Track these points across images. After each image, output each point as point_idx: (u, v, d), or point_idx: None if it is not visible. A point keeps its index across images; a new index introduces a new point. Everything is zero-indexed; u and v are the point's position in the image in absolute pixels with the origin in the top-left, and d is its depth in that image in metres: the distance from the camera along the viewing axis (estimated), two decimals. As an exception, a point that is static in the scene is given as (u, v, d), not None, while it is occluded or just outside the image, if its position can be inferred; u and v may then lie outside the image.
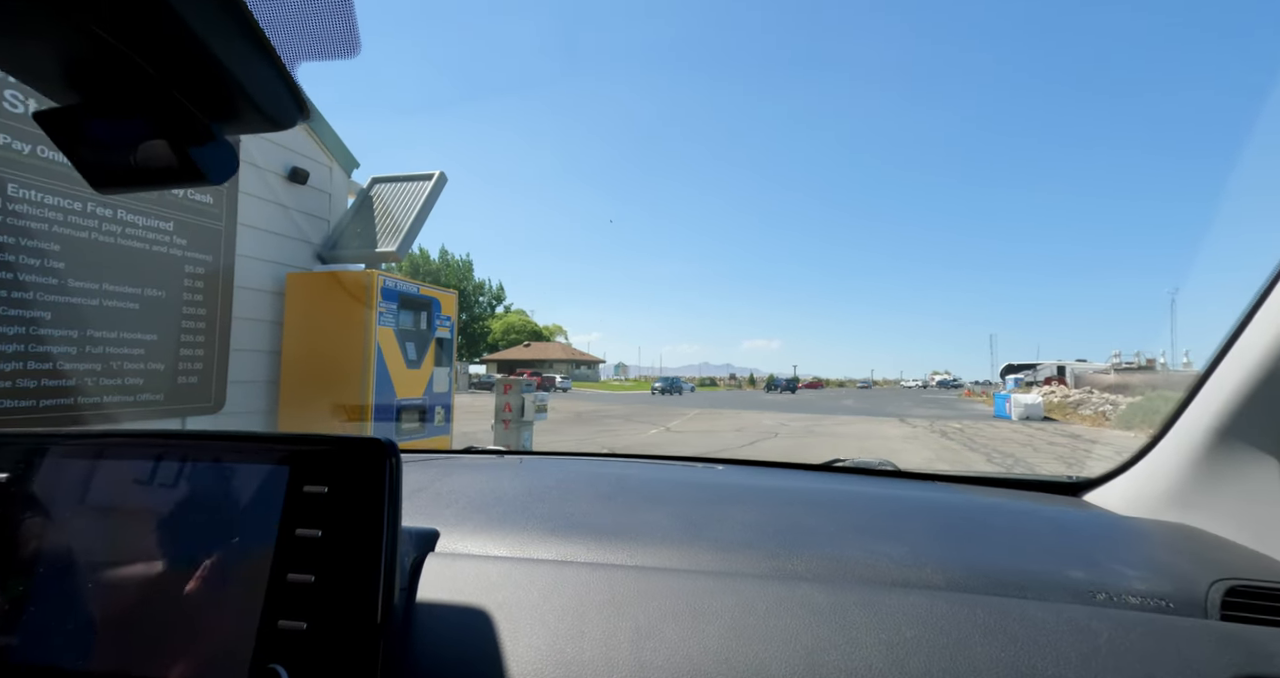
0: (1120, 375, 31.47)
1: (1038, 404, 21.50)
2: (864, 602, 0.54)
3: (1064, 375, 36.57)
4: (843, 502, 0.83)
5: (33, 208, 2.54)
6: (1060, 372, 38.18)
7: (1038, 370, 42.90)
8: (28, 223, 2.52)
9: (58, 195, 2.63)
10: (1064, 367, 39.25)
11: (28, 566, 0.54)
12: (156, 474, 0.55)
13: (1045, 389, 28.94)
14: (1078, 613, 0.52)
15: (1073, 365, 39.00)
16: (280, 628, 0.48)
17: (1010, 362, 48.79)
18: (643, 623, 0.53)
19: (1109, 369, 35.72)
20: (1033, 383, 35.33)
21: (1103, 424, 18.97)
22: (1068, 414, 22.24)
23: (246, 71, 0.48)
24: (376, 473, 0.52)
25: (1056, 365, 40.63)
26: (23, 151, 2.52)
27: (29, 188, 2.53)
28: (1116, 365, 37.47)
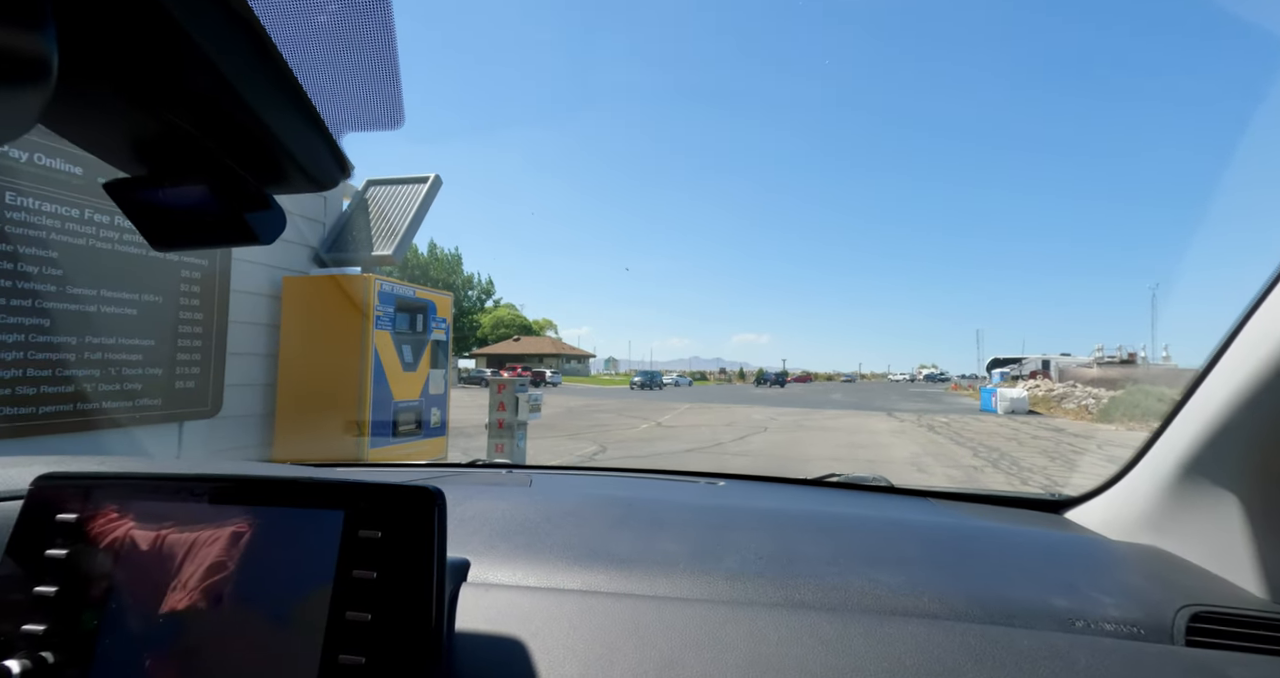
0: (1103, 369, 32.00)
1: (1023, 398, 21.86)
2: (867, 631, 0.60)
3: (1048, 369, 37.15)
4: (841, 527, 0.89)
5: (30, 216, 2.54)
6: (1045, 366, 38.77)
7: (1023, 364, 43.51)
8: (25, 230, 2.52)
9: (54, 202, 2.63)
10: (1048, 361, 39.86)
11: (99, 601, 0.58)
12: (221, 516, 0.59)
13: (1030, 383, 29.40)
14: (1059, 641, 0.58)
15: (1057, 359, 39.61)
16: (341, 663, 0.53)
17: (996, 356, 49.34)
18: (666, 653, 0.58)
19: (1092, 363, 36.30)
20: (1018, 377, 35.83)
21: (1085, 418, 19.34)
22: (1052, 408, 22.64)
23: (297, 142, 0.52)
24: (425, 519, 0.56)
25: (1041, 359, 41.24)
26: (19, 159, 2.51)
27: (26, 195, 2.52)
28: (1099, 359, 38.09)
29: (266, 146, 0.52)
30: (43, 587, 0.59)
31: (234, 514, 0.59)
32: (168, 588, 0.58)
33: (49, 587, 0.59)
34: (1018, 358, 47.41)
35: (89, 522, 0.61)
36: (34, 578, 0.59)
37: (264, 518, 0.59)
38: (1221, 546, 0.74)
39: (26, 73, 0.33)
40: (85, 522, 0.61)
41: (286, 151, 0.52)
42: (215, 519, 0.60)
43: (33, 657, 0.56)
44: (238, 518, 0.59)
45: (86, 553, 0.60)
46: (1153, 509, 0.84)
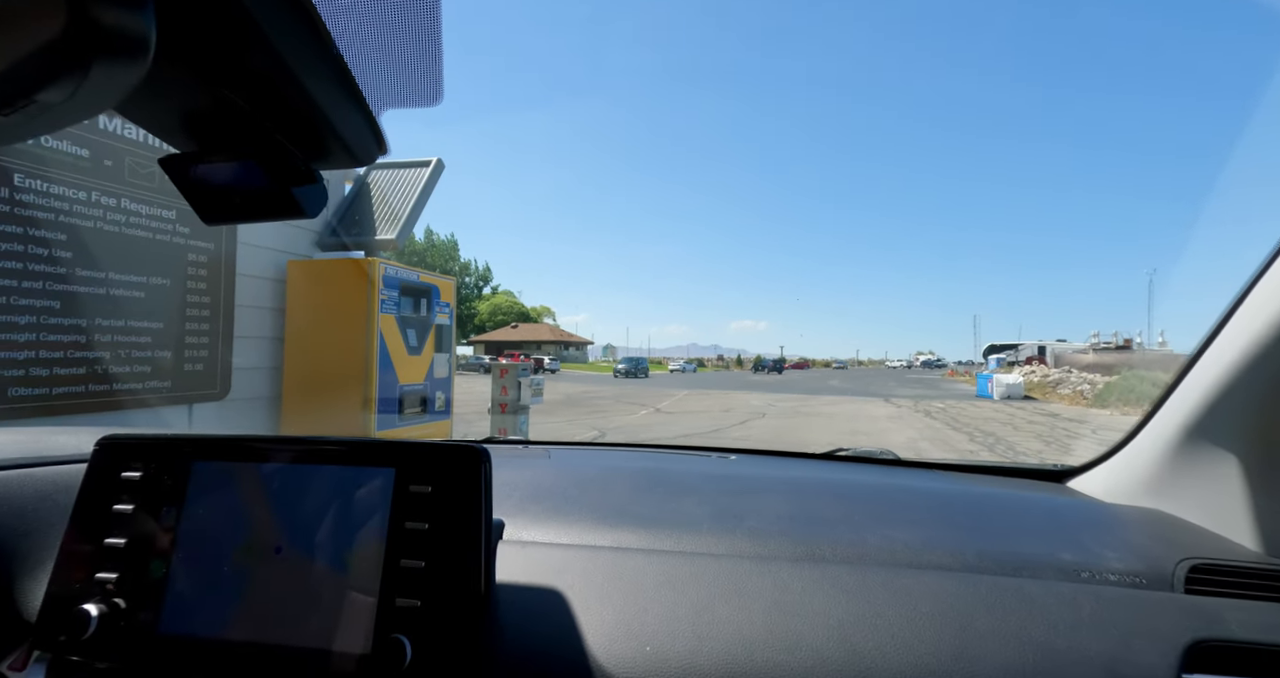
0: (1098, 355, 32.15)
1: (1018, 384, 21.99)
2: (885, 582, 0.64)
3: (1044, 355, 37.30)
4: (854, 493, 0.93)
5: (39, 197, 2.55)
6: (1041, 352, 38.91)
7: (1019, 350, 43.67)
8: (34, 212, 2.53)
9: (62, 185, 2.63)
10: (1044, 347, 40.00)
11: (165, 552, 0.62)
12: (278, 474, 0.63)
13: (1026, 369, 29.54)
14: (1065, 589, 0.63)
15: (1053, 345, 39.75)
16: (398, 605, 0.57)
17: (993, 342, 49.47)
18: (696, 601, 0.62)
19: (1088, 349, 36.46)
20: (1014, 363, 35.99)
21: (1080, 403, 19.48)
22: (1047, 393, 22.78)
23: (343, 120, 0.55)
24: (473, 474, 0.60)
25: (1037, 345, 41.37)
26: (26, 141, 2.51)
27: (35, 178, 2.53)
28: (1095, 345, 38.24)
29: (314, 122, 0.55)
30: (112, 539, 0.63)
31: (291, 472, 0.63)
32: (231, 539, 0.62)
33: (118, 538, 0.63)
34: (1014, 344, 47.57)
35: (152, 479, 0.65)
36: (103, 530, 0.63)
37: (320, 476, 0.62)
38: (1220, 505, 0.78)
39: (130, 50, 0.36)
40: (149, 479, 0.65)
41: (331, 127, 0.55)
42: (273, 477, 0.63)
43: (107, 602, 0.60)
44: (295, 476, 0.63)
45: (151, 507, 0.63)
46: (1154, 474, 0.88)
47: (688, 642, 0.58)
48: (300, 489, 0.62)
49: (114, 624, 0.60)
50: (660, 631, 0.59)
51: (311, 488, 0.62)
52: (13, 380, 2.49)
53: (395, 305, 4.04)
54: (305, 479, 0.63)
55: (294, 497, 0.62)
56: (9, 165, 2.45)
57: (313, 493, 0.62)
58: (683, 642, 0.58)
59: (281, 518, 0.62)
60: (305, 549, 0.60)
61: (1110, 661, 0.54)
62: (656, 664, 0.56)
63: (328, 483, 0.62)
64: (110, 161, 2.80)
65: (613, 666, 0.57)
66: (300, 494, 0.62)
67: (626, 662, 0.57)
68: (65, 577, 0.62)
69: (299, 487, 0.63)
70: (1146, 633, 0.57)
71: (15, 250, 2.48)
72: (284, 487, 0.63)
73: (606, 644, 0.58)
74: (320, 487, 0.62)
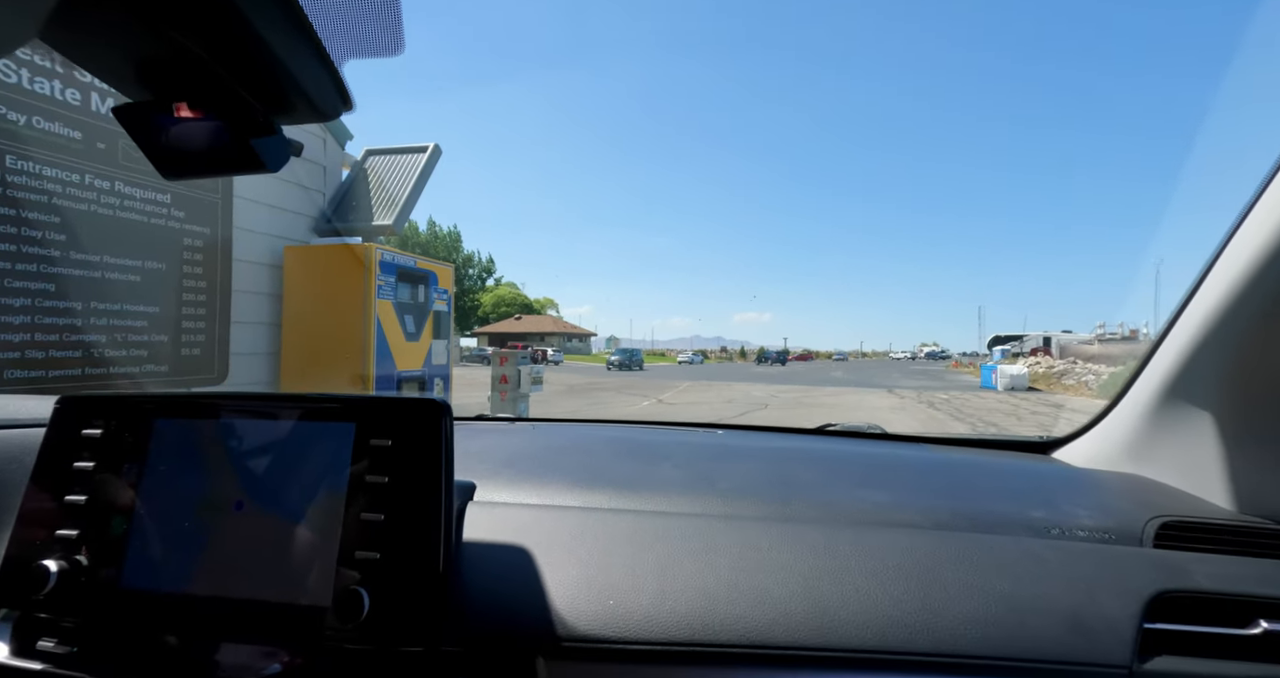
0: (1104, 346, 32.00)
1: (1023, 375, 21.92)
2: (853, 539, 0.63)
3: (1049, 346, 37.17)
4: (834, 459, 0.92)
5: (31, 179, 2.54)
6: (1046, 343, 38.78)
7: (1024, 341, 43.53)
8: (28, 194, 2.52)
9: (55, 167, 2.63)
10: (1049, 338, 39.84)
11: (127, 508, 0.61)
12: (239, 430, 0.62)
13: (1031, 360, 29.44)
14: (1033, 545, 0.62)
15: (1058, 336, 39.58)
16: (358, 558, 0.56)
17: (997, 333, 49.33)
18: (662, 557, 0.61)
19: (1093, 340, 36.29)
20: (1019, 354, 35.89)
21: (1085, 394, 19.41)
22: (1052, 384, 22.70)
23: (302, 69, 0.53)
24: (434, 428, 0.59)
25: (1042, 336, 41.21)
26: (18, 122, 2.50)
27: (27, 159, 2.52)
28: (1100, 336, 38.07)
29: (273, 72, 0.53)
30: (73, 495, 0.62)
31: (252, 428, 0.63)
32: (192, 495, 0.61)
33: (79, 495, 0.62)
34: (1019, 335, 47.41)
35: (113, 436, 0.64)
36: (64, 488, 0.63)
37: (281, 430, 0.62)
38: (1195, 465, 0.77)
39: None
40: (110, 436, 0.64)
41: (292, 78, 0.54)
42: (234, 433, 0.63)
43: (68, 559, 0.60)
44: (256, 431, 0.62)
45: (113, 465, 0.63)
46: (1133, 440, 0.87)
47: (651, 596, 0.57)
48: (261, 445, 0.62)
49: (75, 580, 0.60)
50: (624, 585, 0.58)
51: (272, 444, 0.62)
52: (9, 363, 2.50)
53: (392, 291, 4.04)
54: (266, 435, 0.62)
55: (255, 452, 0.62)
56: (0, 147, 2.44)
57: (274, 449, 0.61)
58: (646, 596, 0.57)
59: (242, 474, 0.61)
60: (266, 504, 0.60)
61: (1073, 610, 0.53)
62: (619, 618, 0.56)
63: (289, 438, 0.62)
64: (103, 144, 2.79)
65: (575, 619, 0.56)
66: (261, 450, 0.62)
67: (589, 616, 0.56)
68: (26, 535, 0.62)
69: (260, 443, 0.62)
70: (1111, 585, 0.56)
71: (9, 233, 2.48)
72: (245, 443, 0.62)
73: (570, 599, 0.58)
74: (281, 442, 0.62)
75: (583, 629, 0.56)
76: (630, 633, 0.55)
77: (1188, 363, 0.75)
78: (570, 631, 0.56)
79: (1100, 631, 0.52)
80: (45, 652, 0.60)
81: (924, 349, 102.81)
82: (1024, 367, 24.28)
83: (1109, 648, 0.51)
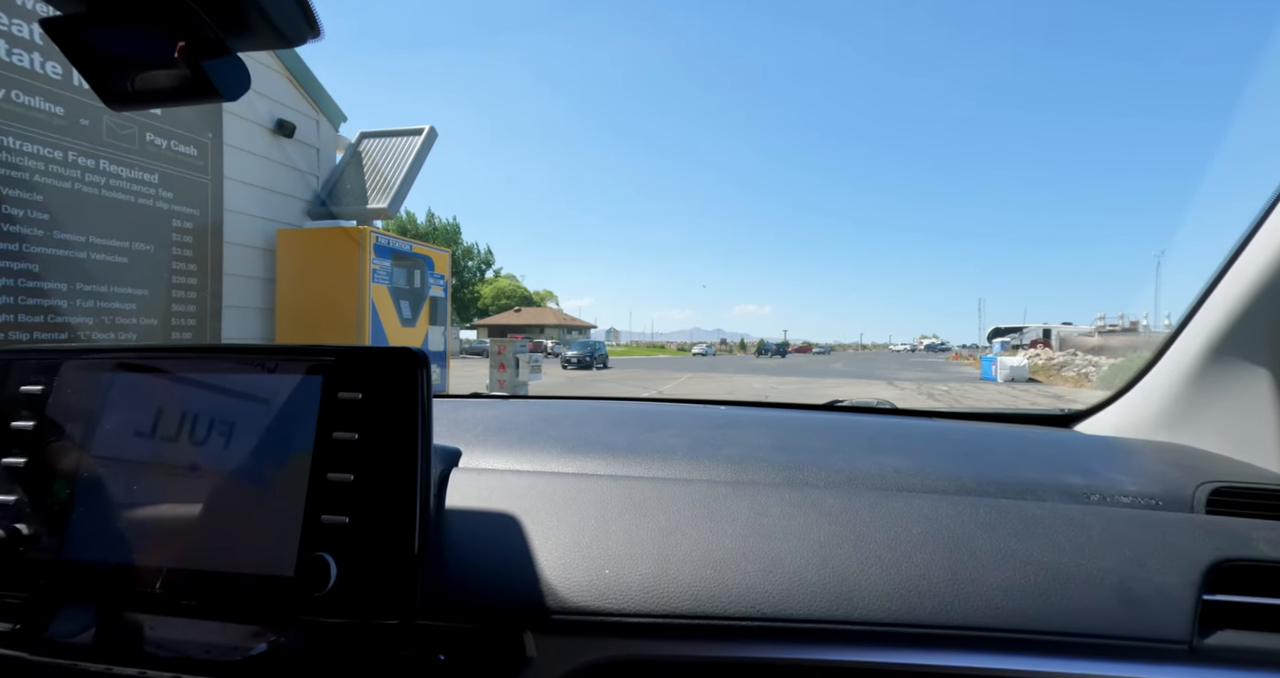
0: (1103, 338, 31.99)
1: (1023, 366, 21.90)
2: (873, 505, 0.57)
3: (1049, 338, 37.18)
4: (845, 428, 0.87)
5: (12, 156, 2.47)
6: (1046, 335, 38.79)
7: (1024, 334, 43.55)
8: (7, 172, 2.45)
9: (37, 143, 2.55)
10: (1049, 330, 39.85)
11: (71, 472, 0.55)
12: (195, 385, 0.56)
13: (1031, 352, 29.44)
14: (1072, 511, 0.56)
15: (1058, 328, 39.59)
16: (324, 522, 0.50)
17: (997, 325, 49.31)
18: (664, 524, 0.56)
19: (1093, 332, 36.28)
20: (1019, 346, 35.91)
21: (1084, 385, 19.41)
22: (1051, 376, 22.70)
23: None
24: (409, 380, 0.53)
25: (1042, 329, 41.23)
26: (-3, 97, 2.43)
27: (7, 135, 2.45)
28: (1100, 328, 38.03)
29: None
30: (10, 459, 0.56)
31: (209, 383, 0.57)
32: (143, 457, 0.55)
33: (17, 459, 0.56)
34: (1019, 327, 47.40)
35: (56, 394, 0.58)
36: (2, 450, 0.57)
37: (241, 385, 0.56)
38: (1243, 429, 0.71)
39: None
40: (51, 394, 0.58)
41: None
42: (190, 389, 0.57)
43: (5, 527, 0.54)
44: (213, 386, 0.56)
45: (55, 425, 0.57)
46: (1170, 407, 0.81)
47: (651, 564, 0.52)
48: (219, 401, 0.56)
49: (12, 550, 0.54)
50: (622, 554, 0.53)
51: (232, 399, 0.56)
52: (-8, 345, 2.44)
53: (388, 276, 3.97)
54: (225, 390, 0.56)
55: (213, 409, 0.56)
56: (-22, 121, 2.37)
57: (233, 405, 0.55)
58: (646, 564, 0.52)
59: (198, 433, 0.55)
60: (224, 466, 0.54)
61: (1122, 580, 0.48)
62: (615, 588, 0.50)
63: (249, 393, 0.56)
64: (87, 121, 2.72)
65: (566, 590, 0.51)
66: (219, 407, 0.56)
67: (582, 586, 0.51)
68: None
69: (218, 398, 0.56)
70: (1163, 553, 0.51)
71: (-11, 211, 2.41)
72: (202, 399, 0.56)
73: (561, 568, 0.52)
74: (241, 398, 0.56)
75: (575, 601, 0.50)
76: (628, 605, 0.50)
77: (1239, 319, 0.69)
78: (561, 602, 0.50)
79: (1155, 602, 0.47)
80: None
81: (924, 342, 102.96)
82: (1024, 358, 24.26)
83: (1165, 621, 0.46)
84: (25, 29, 2.48)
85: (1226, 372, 0.73)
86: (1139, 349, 23.75)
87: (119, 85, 0.54)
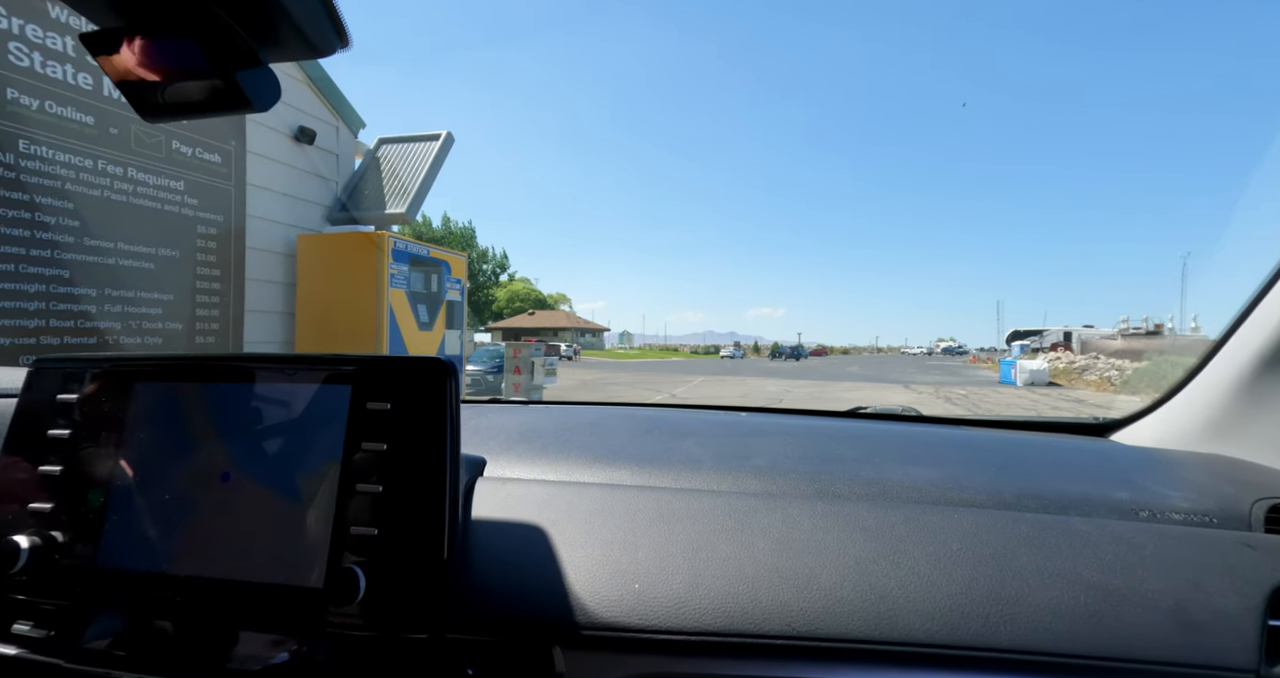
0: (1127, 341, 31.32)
1: (1043, 370, 21.49)
2: (909, 519, 0.56)
3: (1070, 341, 36.47)
4: (873, 437, 0.85)
5: (44, 164, 2.53)
6: (1067, 338, 38.06)
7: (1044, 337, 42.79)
8: (40, 180, 2.51)
9: (69, 152, 2.61)
10: (1070, 333, 39.09)
11: (105, 481, 0.56)
12: (226, 394, 0.57)
13: (1051, 355, 28.90)
14: (1121, 528, 0.54)
15: (1079, 331, 38.82)
16: (353, 534, 0.50)
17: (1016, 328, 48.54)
18: (693, 537, 0.55)
19: (1116, 335, 35.53)
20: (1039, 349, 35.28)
21: (1108, 389, 18.99)
22: (1073, 380, 22.25)
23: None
24: (438, 390, 0.53)
25: (1063, 331, 40.46)
26: (31, 107, 2.49)
27: (40, 144, 2.51)
28: (1124, 331, 37.24)
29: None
30: (47, 466, 0.57)
31: (239, 393, 0.57)
32: (175, 466, 0.56)
33: (53, 466, 0.57)
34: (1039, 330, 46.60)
35: (91, 402, 0.59)
36: (38, 458, 0.58)
37: (271, 395, 0.56)
38: None
39: None
40: (87, 402, 0.59)
41: (280, 6, 0.48)
42: (221, 398, 0.57)
43: (41, 535, 0.55)
44: (245, 396, 0.57)
45: (90, 433, 0.58)
46: (1218, 416, 0.78)
47: (683, 579, 0.51)
48: (250, 411, 0.56)
49: (48, 558, 0.54)
50: (651, 568, 0.52)
51: (262, 409, 0.56)
52: (23, 349, 2.50)
53: (405, 280, 4.01)
54: (255, 400, 0.56)
55: (243, 419, 0.56)
56: (12, 131, 2.43)
57: (263, 414, 0.56)
58: (677, 579, 0.51)
59: (229, 442, 0.55)
60: (254, 475, 0.54)
61: (1178, 603, 0.46)
62: (646, 603, 0.49)
63: (279, 403, 0.56)
64: (116, 129, 2.78)
65: (596, 604, 0.50)
66: (250, 416, 0.56)
67: (612, 601, 0.50)
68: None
69: (248, 408, 0.56)
70: (1221, 574, 0.48)
71: (22, 219, 2.47)
72: (232, 408, 0.56)
73: (590, 582, 0.51)
74: (271, 407, 0.56)
75: (605, 616, 0.49)
76: (659, 621, 0.49)
77: None
78: (591, 618, 0.49)
79: (1215, 627, 0.45)
80: (19, 636, 0.55)
81: (940, 344, 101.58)
82: (1044, 362, 23.80)
83: (1228, 648, 0.44)
84: (59, 41, 2.54)
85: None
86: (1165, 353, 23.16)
87: (153, 97, 0.55)
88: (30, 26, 2.44)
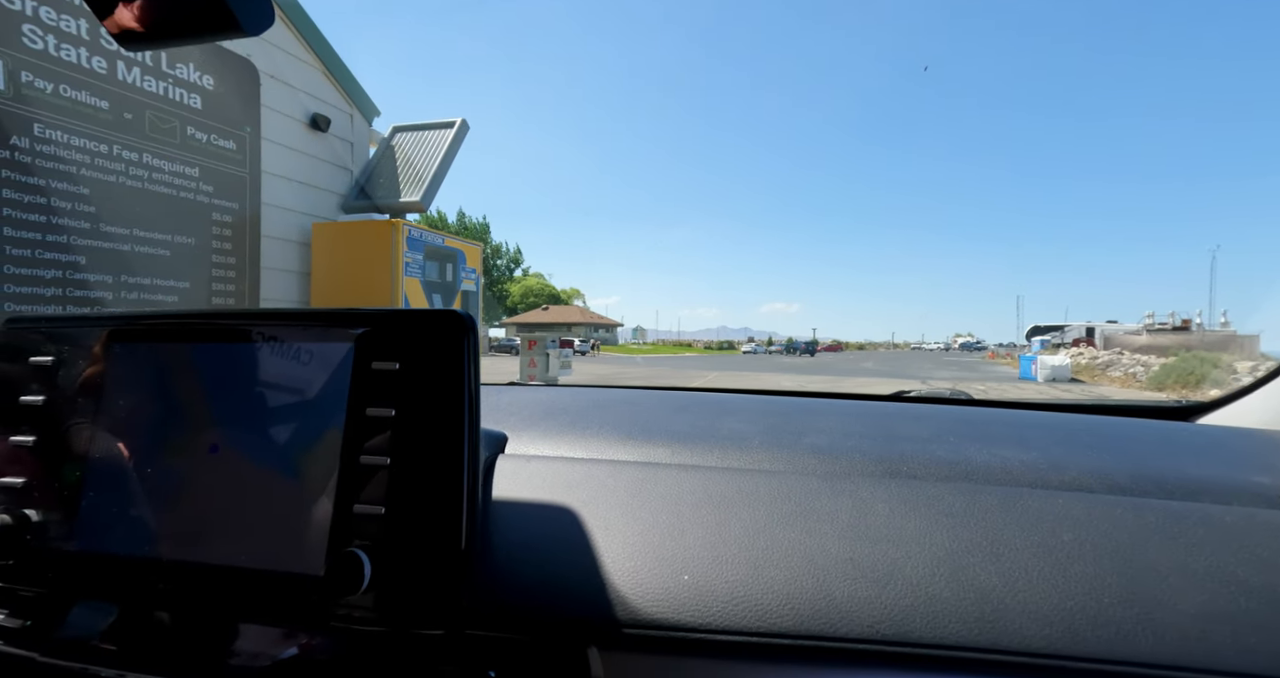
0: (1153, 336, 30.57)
1: (1065, 366, 21.02)
2: (1005, 504, 0.48)
3: (1093, 337, 35.71)
4: (935, 416, 0.76)
5: (59, 149, 2.51)
6: (1089, 333, 37.29)
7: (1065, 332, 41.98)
8: (55, 164, 2.49)
9: (83, 137, 2.59)
10: (1093, 328, 38.29)
11: (83, 452, 0.50)
12: (214, 357, 0.50)
13: (1073, 351, 28.29)
14: (1275, 517, 0.45)
15: (1102, 327, 38.01)
16: (357, 513, 0.43)
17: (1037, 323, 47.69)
18: (749, 523, 0.47)
19: (1141, 330, 34.71)
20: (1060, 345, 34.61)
21: (1132, 386, 18.54)
22: (1096, 376, 21.76)
23: None
24: (454, 347, 0.46)
25: (1085, 327, 39.64)
26: (45, 90, 2.46)
27: (55, 128, 2.49)
28: (1149, 326, 36.37)
29: None
30: (19, 436, 0.51)
31: (229, 354, 0.50)
32: (159, 437, 0.49)
33: (26, 436, 0.51)
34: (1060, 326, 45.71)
35: (68, 366, 0.52)
36: (9, 427, 0.51)
37: (265, 356, 0.49)
38: None
39: None
40: (63, 366, 0.52)
41: None
42: (210, 360, 0.50)
43: (13, 512, 0.49)
44: (236, 357, 0.50)
45: (66, 400, 0.51)
46: None
47: (740, 570, 0.43)
48: (242, 374, 0.49)
49: (18, 539, 0.48)
50: (703, 556, 0.44)
51: (255, 372, 0.49)
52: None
53: (420, 269, 3.97)
54: (248, 362, 0.49)
55: (235, 383, 0.49)
56: (26, 115, 2.41)
57: (256, 378, 0.49)
58: (733, 570, 0.43)
59: (219, 410, 0.49)
60: (246, 447, 0.47)
61: None
62: (697, 599, 0.42)
63: (274, 365, 0.49)
64: (130, 115, 2.75)
65: (639, 599, 0.42)
66: (242, 380, 0.49)
67: (657, 595, 0.43)
68: None
69: (240, 371, 0.49)
70: None
71: (38, 203, 2.45)
72: (223, 372, 0.50)
73: (631, 572, 0.44)
74: (265, 370, 0.49)
75: (649, 613, 0.42)
76: (713, 620, 0.41)
77: None
78: (633, 614, 0.42)
79: None
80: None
81: (958, 340, 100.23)
82: (1066, 357, 23.30)
83: None
84: (73, 24, 2.51)
85: None
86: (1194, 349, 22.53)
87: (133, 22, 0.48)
88: (44, 8, 2.41)
